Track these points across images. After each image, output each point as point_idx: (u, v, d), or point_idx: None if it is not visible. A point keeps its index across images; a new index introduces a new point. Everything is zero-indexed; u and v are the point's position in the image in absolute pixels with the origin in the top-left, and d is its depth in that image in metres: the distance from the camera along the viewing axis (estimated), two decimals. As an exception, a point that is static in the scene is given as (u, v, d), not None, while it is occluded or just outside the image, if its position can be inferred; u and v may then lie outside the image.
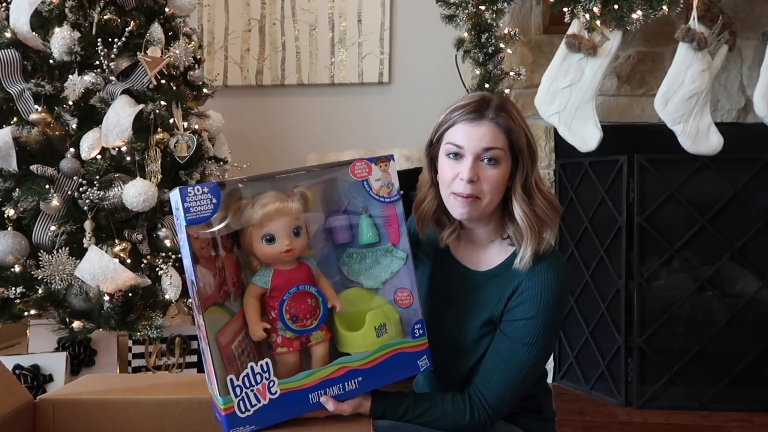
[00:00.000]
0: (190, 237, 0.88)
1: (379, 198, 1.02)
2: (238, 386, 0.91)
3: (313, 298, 0.98)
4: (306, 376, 0.96)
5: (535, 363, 1.11)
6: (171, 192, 0.91)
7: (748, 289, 2.44)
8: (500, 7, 2.45)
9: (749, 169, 2.41)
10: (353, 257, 1.04)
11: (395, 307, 1.05)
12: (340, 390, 0.99)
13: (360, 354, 1.00)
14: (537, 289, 1.10)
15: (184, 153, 2.12)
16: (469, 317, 1.17)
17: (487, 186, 1.10)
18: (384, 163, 1.02)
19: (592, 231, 2.59)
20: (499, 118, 1.10)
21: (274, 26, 3.41)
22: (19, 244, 1.96)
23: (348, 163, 1.00)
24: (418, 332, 1.06)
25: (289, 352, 0.97)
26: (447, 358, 1.18)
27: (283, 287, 0.96)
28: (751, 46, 2.65)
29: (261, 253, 0.96)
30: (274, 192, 0.95)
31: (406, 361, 1.05)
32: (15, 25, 2.03)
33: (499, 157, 1.10)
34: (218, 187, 0.89)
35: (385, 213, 1.03)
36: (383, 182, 1.02)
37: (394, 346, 1.03)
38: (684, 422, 2.30)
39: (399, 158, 3.11)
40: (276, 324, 0.96)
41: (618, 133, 2.62)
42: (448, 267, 1.24)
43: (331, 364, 0.99)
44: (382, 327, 1.02)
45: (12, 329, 2.19)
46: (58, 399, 1.07)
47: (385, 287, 1.05)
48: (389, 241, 1.04)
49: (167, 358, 2.16)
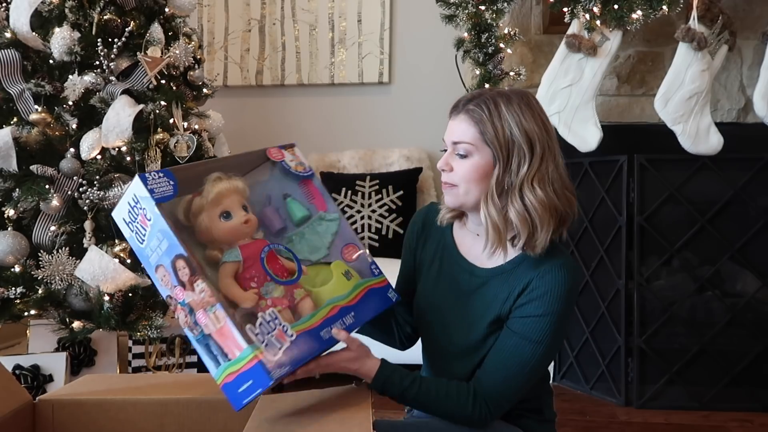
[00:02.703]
0: (164, 213, 0.92)
1: (298, 173, 1.14)
2: (258, 333, 0.92)
3: (281, 259, 1.03)
4: (310, 317, 1.00)
5: (540, 361, 1.11)
6: (121, 201, 0.97)
7: (748, 289, 2.44)
8: (500, 7, 2.45)
9: (749, 169, 2.40)
10: (293, 240, 1.08)
11: (346, 263, 1.13)
12: (342, 325, 1.04)
13: (342, 295, 1.07)
14: (547, 288, 1.09)
15: (184, 153, 2.12)
16: (476, 315, 1.17)
17: (458, 176, 1.13)
18: (290, 149, 1.17)
19: (592, 231, 2.59)
20: (471, 111, 1.11)
21: (274, 26, 3.41)
22: (19, 244, 1.97)
23: (263, 152, 1.12)
24: (375, 271, 1.16)
25: (283, 308, 0.98)
26: (454, 356, 1.18)
27: (255, 254, 0.99)
28: (751, 46, 2.65)
29: (221, 231, 0.98)
30: (218, 173, 1.01)
31: (379, 295, 1.14)
32: (15, 25, 2.03)
33: (468, 150, 1.12)
34: (171, 170, 0.97)
35: (304, 189, 1.14)
36: (296, 161, 1.15)
37: (364, 284, 1.12)
38: (684, 422, 2.30)
39: (399, 158, 3.11)
40: (260, 289, 0.97)
41: (618, 133, 2.62)
42: (454, 264, 1.23)
43: (324, 305, 1.03)
44: (347, 272, 1.11)
45: (12, 329, 2.19)
46: (57, 399, 1.08)
47: (331, 251, 1.12)
48: (318, 210, 1.14)
49: (167, 358, 2.16)
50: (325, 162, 3.22)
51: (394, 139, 3.22)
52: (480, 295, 1.18)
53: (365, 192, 2.96)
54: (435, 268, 1.26)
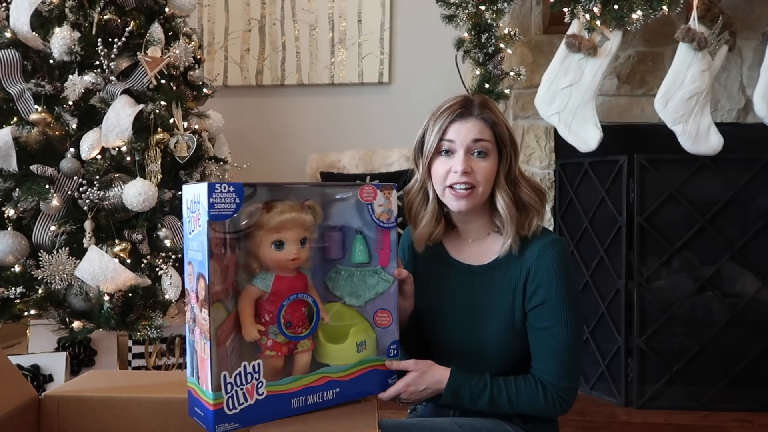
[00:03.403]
0: (210, 232, 0.90)
1: (379, 222, 1.09)
2: (229, 383, 0.92)
3: (307, 307, 1.02)
4: (291, 382, 0.99)
5: (577, 334, 1.16)
6: (192, 186, 0.94)
7: (748, 289, 2.44)
8: (500, 7, 2.45)
9: (749, 169, 2.41)
10: (341, 273, 1.07)
11: (374, 326, 1.10)
12: (319, 398, 1.02)
13: (340, 366, 1.05)
14: (548, 267, 1.15)
15: (184, 153, 2.12)
16: (485, 312, 1.19)
17: (480, 176, 1.17)
18: (388, 191, 1.10)
19: (592, 231, 2.59)
20: (484, 114, 1.19)
21: (274, 26, 3.41)
22: (19, 244, 1.96)
23: (357, 186, 1.07)
24: (393, 352, 1.12)
25: (277, 356, 0.99)
26: (470, 361, 1.19)
27: (283, 293, 0.99)
28: (751, 46, 2.65)
29: (268, 258, 0.98)
30: (291, 202, 0.99)
31: (379, 378, 1.11)
32: (15, 25, 2.03)
33: (488, 149, 1.18)
34: (243, 187, 0.93)
35: (379, 236, 1.10)
36: (384, 208, 1.10)
37: (371, 362, 1.09)
38: (684, 422, 2.30)
39: (399, 158, 3.11)
40: (269, 327, 0.98)
41: (618, 133, 2.62)
42: (452, 269, 1.25)
43: (314, 373, 1.02)
44: (362, 343, 1.08)
45: (12, 329, 2.19)
46: (62, 396, 1.07)
47: (367, 306, 1.09)
48: (379, 263, 1.10)
49: (167, 358, 2.16)
50: (325, 162, 3.22)
51: (394, 139, 3.21)
52: (483, 292, 1.20)
53: (365, 192, 2.95)
54: (432, 279, 1.27)
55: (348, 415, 1.01)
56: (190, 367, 0.98)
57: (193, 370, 0.97)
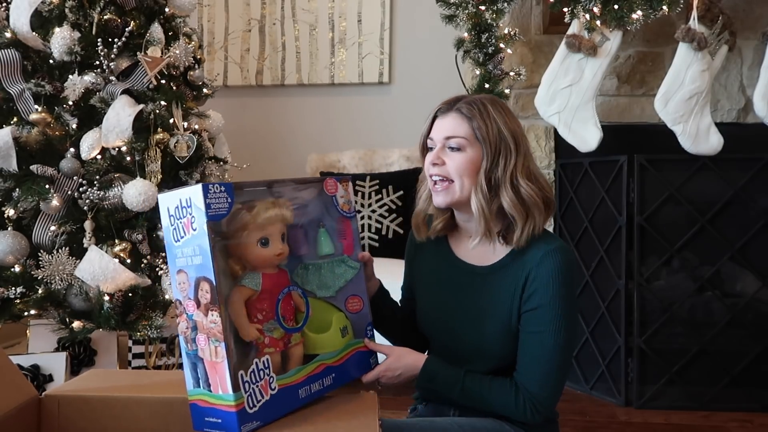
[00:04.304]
0: (211, 231, 0.91)
1: (342, 212, 1.15)
2: (246, 382, 0.93)
3: (293, 301, 1.04)
4: (296, 372, 1.01)
5: (565, 346, 1.13)
6: (172, 193, 0.94)
7: (748, 289, 2.44)
8: (500, 7, 2.45)
9: (749, 169, 2.41)
10: (308, 269, 1.08)
11: (347, 313, 1.14)
12: (320, 386, 1.05)
13: (331, 353, 1.08)
14: (547, 274, 1.13)
15: (184, 153, 2.12)
16: (484, 313, 1.19)
17: (452, 168, 1.16)
18: (345, 183, 1.17)
19: (592, 231, 2.59)
20: (463, 109, 1.17)
21: (274, 26, 3.41)
22: (19, 244, 1.96)
23: (321, 180, 1.13)
24: (369, 333, 1.18)
25: (275, 352, 0.99)
26: (467, 358, 1.19)
27: (273, 289, 1.00)
28: (751, 46, 2.65)
29: (254, 256, 0.98)
30: (272, 199, 1.01)
31: (363, 359, 1.15)
32: (15, 25, 2.03)
33: (461, 144, 1.16)
34: (233, 186, 0.95)
35: (340, 227, 1.14)
36: (345, 199, 1.16)
37: (354, 345, 1.14)
38: (684, 422, 2.30)
39: (399, 158, 3.12)
40: (263, 325, 0.98)
41: (618, 133, 2.62)
42: (454, 268, 1.25)
43: (313, 362, 1.05)
44: (344, 329, 1.12)
45: (12, 329, 2.19)
46: (63, 395, 1.07)
47: (337, 295, 1.13)
48: (344, 252, 1.14)
49: (167, 358, 2.16)
50: (325, 162, 3.22)
51: (394, 139, 3.22)
52: (485, 293, 1.20)
53: (365, 192, 2.96)
54: (435, 277, 1.27)
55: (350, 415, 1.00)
56: (193, 380, 0.97)
57: (199, 381, 0.96)
